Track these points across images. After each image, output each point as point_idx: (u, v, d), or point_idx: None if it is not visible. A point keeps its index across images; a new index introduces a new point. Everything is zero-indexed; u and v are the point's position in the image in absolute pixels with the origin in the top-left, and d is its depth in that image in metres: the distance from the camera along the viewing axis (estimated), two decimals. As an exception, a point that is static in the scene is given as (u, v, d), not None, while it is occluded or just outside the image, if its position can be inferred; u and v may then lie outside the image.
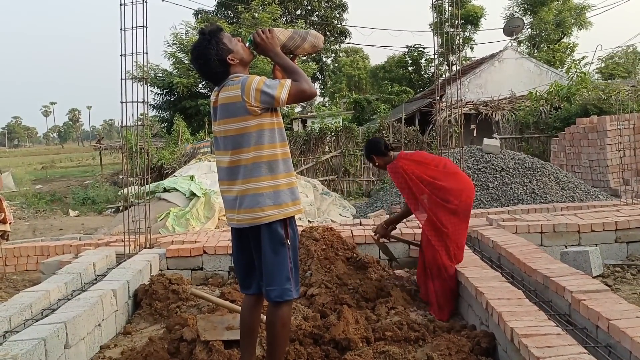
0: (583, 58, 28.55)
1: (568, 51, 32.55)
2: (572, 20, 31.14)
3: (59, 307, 3.88)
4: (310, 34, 3.11)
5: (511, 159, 10.11)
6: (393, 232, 5.08)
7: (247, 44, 2.98)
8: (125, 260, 5.23)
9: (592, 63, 27.02)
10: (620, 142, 11.12)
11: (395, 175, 4.54)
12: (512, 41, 23.38)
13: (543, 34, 31.15)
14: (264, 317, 3.26)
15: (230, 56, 2.89)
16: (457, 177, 4.47)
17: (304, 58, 30.99)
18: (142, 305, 4.59)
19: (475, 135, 17.34)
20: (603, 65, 30.40)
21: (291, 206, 2.89)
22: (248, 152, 2.82)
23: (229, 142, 2.87)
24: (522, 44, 31.31)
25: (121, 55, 5.66)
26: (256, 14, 25.69)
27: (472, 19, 30.73)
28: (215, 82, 2.96)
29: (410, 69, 32.73)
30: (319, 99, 42.38)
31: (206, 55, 2.88)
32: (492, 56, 22.90)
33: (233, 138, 2.84)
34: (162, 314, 4.44)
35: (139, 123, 6.48)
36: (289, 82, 2.82)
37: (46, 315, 3.73)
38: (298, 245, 3.25)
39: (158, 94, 24.41)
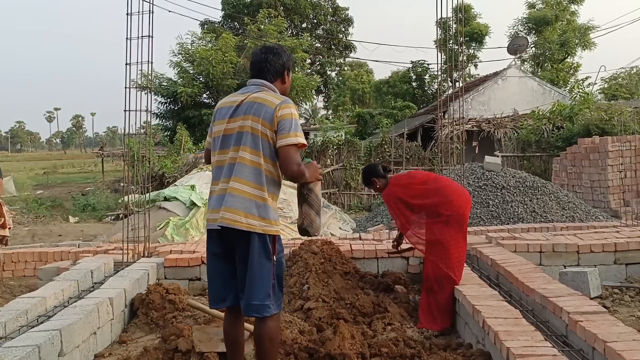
0: (586, 78, 28.66)
1: (572, 71, 32.68)
2: (576, 41, 31.31)
3: (55, 314, 3.87)
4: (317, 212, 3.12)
5: (512, 177, 10.11)
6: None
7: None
8: (123, 269, 5.22)
9: (595, 83, 27.12)
10: (622, 164, 11.12)
11: (387, 202, 4.74)
12: (516, 60, 23.49)
13: (547, 54, 31.29)
14: (250, 327, 3.28)
15: (287, 73, 3.13)
16: (446, 189, 4.54)
17: (309, 71, 31.18)
18: (139, 315, 4.58)
19: (477, 152, 17.35)
20: (606, 86, 30.52)
21: (279, 226, 2.97)
22: (259, 158, 2.87)
23: (247, 138, 2.88)
24: (525, 63, 31.47)
25: (126, 64, 5.70)
26: (262, 26, 25.89)
27: (477, 37, 30.92)
28: (258, 74, 3.05)
29: (414, 84, 32.90)
30: (322, 112, 42.52)
31: (280, 55, 3.09)
32: (496, 74, 22.98)
33: (253, 136, 2.87)
34: (158, 324, 4.42)
35: (142, 131, 6.49)
36: (297, 157, 2.86)
37: (42, 322, 3.71)
38: (284, 263, 3.23)
39: (162, 103, 24.53)
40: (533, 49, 31.63)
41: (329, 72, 39.96)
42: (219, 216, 2.89)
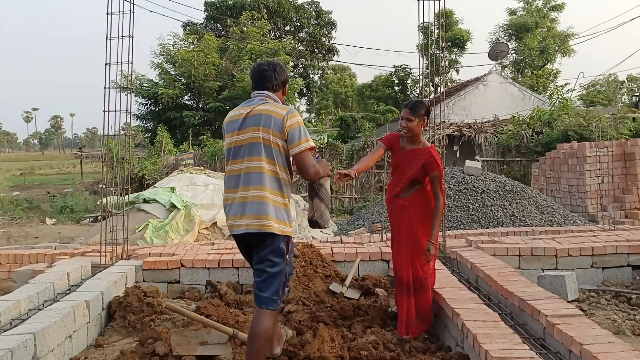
0: (565, 84, 29.16)
1: (551, 77, 33.20)
2: (556, 48, 31.79)
3: (29, 317, 3.80)
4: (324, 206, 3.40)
5: (492, 181, 10.19)
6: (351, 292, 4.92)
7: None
8: (100, 271, 5.15)
9: (574, 90, 27.63)
10: (599, 169, 11.29)
11: (438, 157, 4.25)
12: (496, 65, 23.75)
13: (527, 60, 31.71)
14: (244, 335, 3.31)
15: (286, 87, 3.45)
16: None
17: (291, 74, 31.14)
18: (116, 318, 4.52)
19: (458, 156, 17.48)
20: (585, 92, 31.04)
21: (292, 227, 3.29)
22: (275, 166, 3.15)
23: (262, 149, 3.13)
24: (506, 69, 31.84)
25: (105, 64, 5.63)
26: (245, 29, 25.82)
27: (459, 42, 31.19)
28: (264, 83, 3.31)
29: (396, 88, 33.07)
30: (304, 115, 42.50)
31: (284, 70, 3.42)
32: (477, 79, 23.23)
33: (266, 147, 3.14)
34: (136, 327, 4.36)
35: (122, 132, 6.42)
36: (312, 159, 3.20)
37: (15, 326, 3.64)
38: (292, 260, 3.57)
39: (143, 104, 24.28)
40: (513, 55, 32.05)
41: (311, 75, 40.00)
42: (243, 222, 3.14)
